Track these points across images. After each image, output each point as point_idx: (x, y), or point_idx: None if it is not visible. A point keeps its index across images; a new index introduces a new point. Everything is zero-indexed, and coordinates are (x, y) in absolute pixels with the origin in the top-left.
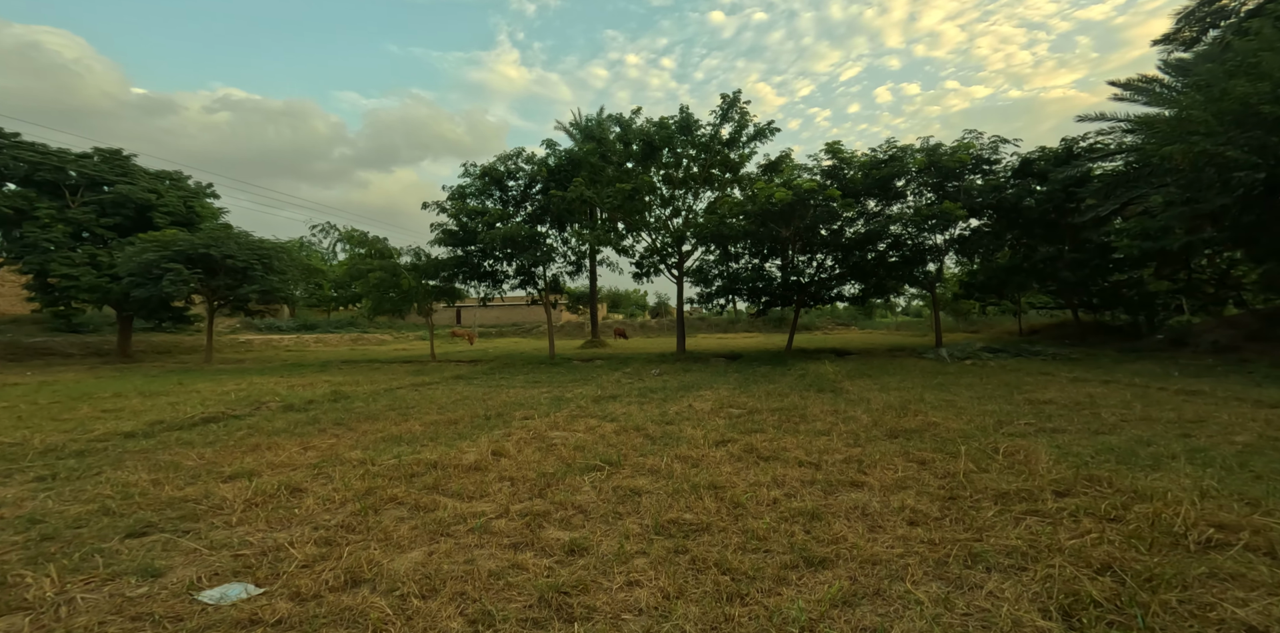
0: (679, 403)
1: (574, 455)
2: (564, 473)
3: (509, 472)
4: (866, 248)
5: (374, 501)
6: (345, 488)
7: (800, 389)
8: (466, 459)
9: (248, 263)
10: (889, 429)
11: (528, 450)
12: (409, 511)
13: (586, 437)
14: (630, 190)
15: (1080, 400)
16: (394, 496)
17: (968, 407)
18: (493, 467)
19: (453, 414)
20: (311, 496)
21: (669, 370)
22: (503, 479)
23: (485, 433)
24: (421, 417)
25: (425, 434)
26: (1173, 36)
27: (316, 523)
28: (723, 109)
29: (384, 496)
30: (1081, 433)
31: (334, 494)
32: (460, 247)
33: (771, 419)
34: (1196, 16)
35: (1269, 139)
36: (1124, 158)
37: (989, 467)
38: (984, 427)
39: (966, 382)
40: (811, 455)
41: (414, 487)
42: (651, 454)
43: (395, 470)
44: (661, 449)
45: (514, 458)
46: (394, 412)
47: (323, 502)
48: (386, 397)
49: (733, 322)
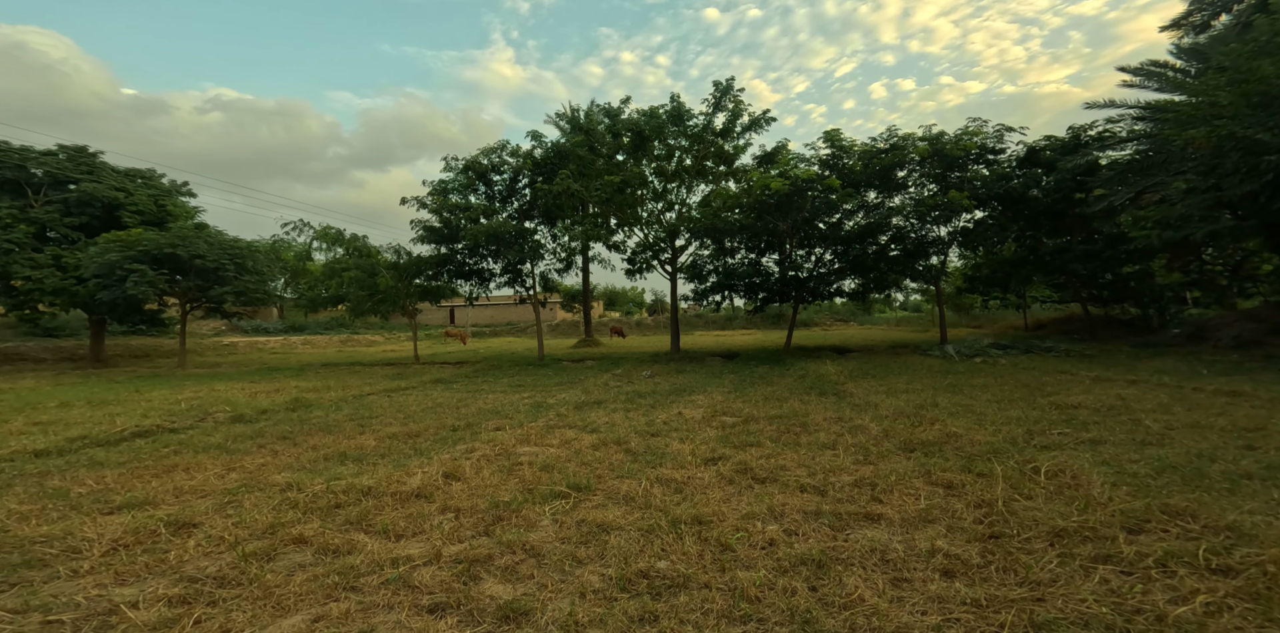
0: (668, 410)
1: (539, 478)
2: (522, 502)
3: (457, 500)
4: (867, 241)
5: (274, 541)
6: (247, 523)
7: (800, 393)
8: (410, 484)
9: (218, 263)
10: (902, 441)
11: (487, 471)
12: (314, 555)
13: (559, 453)
14: (619, 183)
15: (1113, 404)
16: (301, 534)
17: (988, 413)
18: (439, 494)
19: (417, 425)
20: (200, 534)
21: (661, 372)
22: (447, 511)
23: (446, 448)
24: (381, 428)
25: (377, 450)
26: (1182, 21)
27: (185, 573)
28: (715, 97)
29: (289, 534)
30: (1126, 445)
31: (228, 532)
32: (444, 244)
33: (769, 430)
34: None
35: None
36: (1135, 146)
37: (1032, 492)
38: (1013, 438)
39: (981, 382)
40: (815, 476)
41: (333, 521)
42: (630, 476)
43: (319, 499)
44: (642, 469)
45: (468, 481)
46: (353, 423)
47: (209, 543)
48: (352, 405)
49: (730, 319)
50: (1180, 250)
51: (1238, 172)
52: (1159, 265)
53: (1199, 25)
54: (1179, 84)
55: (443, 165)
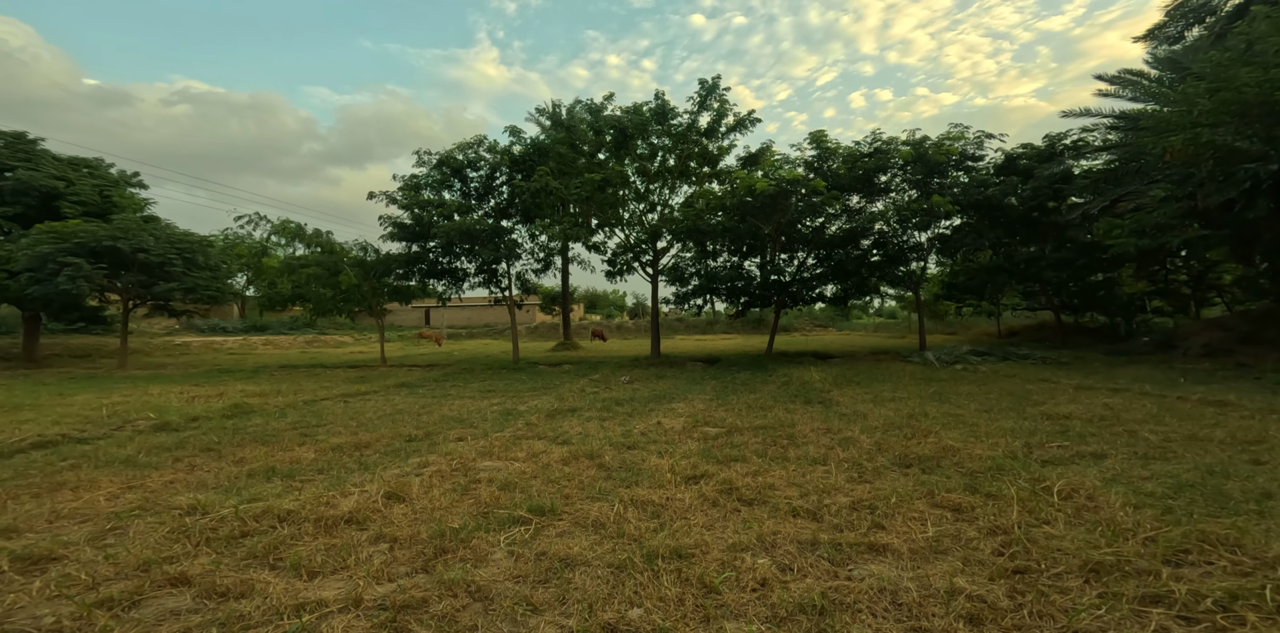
0: (647, 419)
1: (498, 498)
2: (474, 528)
3: (396, 527)
4: (849, 246)
5: (146, 582)
6: (120, 558)
7: (785, 401)
8: (342, 506)
9: (164, 258)
10: (898, 456)
11: (438, 490)
12: (194, 599)
13: (525, 468)
14: (600, 181)
15: (1103, 415)
16: (184, 573)
17: (980, 423)
18: (375, 518)
19: (368, 435)
20: (56, 571)
21: (641, 377)
22: (380, 540)
23: (395, 463)
24: (326, 439)
25: (314, 465)
26: (1156, 33)
27: (8, 628)
28: (701, 96)
29: (168, 572)
30: (1129, 459)
31: (90, 570)
32: (415, 242)
33: (754, 442)
34: (1185, 9)
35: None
36: (1109, 155)
37: (1050, 516)
38: (1012, 452)
39: (965, 390)
40: (808, 498)
41: (232, 555)
42: (601, 497)
43: (222, 526)
44: (616, 489)
45: (414, 503)
46: (295, 432)
47: (61, 584)
48: (300, 411)
49: (711, 323)
50: (1147, 260)
51: (1213, 180)
52: (1127, 274)
53: (1173, 37)
54: (1154, 93)
55: (415, 160)
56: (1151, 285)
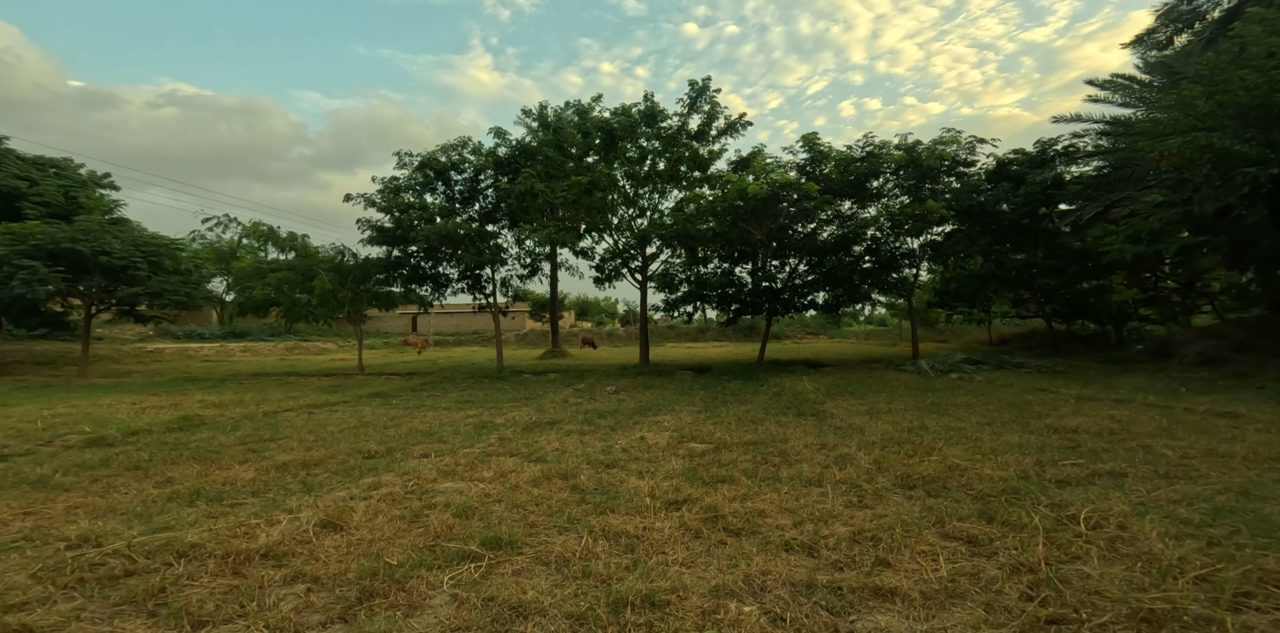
0: (630, 433)
1: (452, 527)
2: (416, 565)
3: (321, 563)
4: (841, 252)
5: None
6: None
7: (777, 413)
8: (263, 538)
9: (128, 261)
10: (900, 476)
11: (384, 517)
12: None
13: (490, 490)
14: (587, 184)
15: (1112, 428)
16: (26, 624)
17: (984, 438)
18: (300, 552)
19: (324, 451)
20: None
21: (628, 387)
22: (298, 580)
23: (345, 483)
24: (274, 455)
25: (251, 486)
26: (1145, 39)
27: None
28: (691, 97)
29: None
30: (1152, 479)
31: None
32: (396, 246)
33: (743, 460)
34: (1175, 15)
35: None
36: (1100, 161)
37: (1081, 550)
38: (1024, 471)
39: (964, 401)
40: (802, 527)
41: (103, 601)
42: (570, 526)
43: (105, 562)
44: (588, 515)
45: (351, 533)
46: (242, 447)
47: None
48: (256, 423)
49: (703, 330)
50: (1139, 267)
51: (1210, 184)
52: (1118, 282)
53: (1161, 43)
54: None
55: (395, 161)
56: (1142, 293)
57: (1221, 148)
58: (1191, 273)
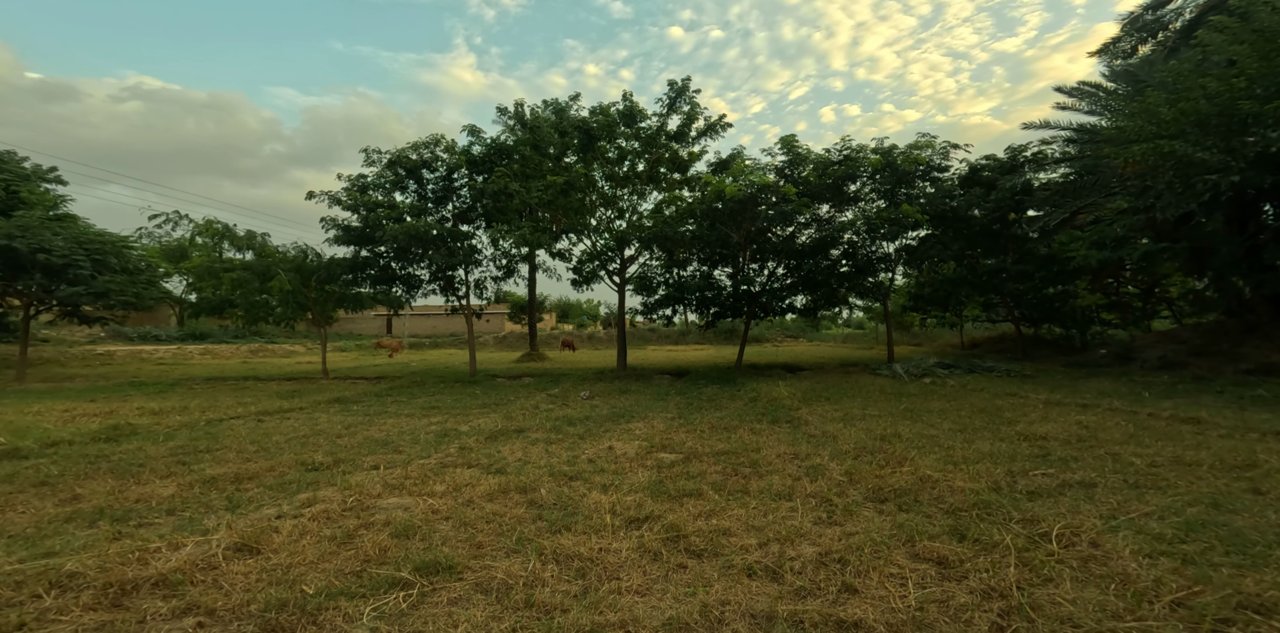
0: (599, 442)
1: (387, 549)
2: (335, 594)
3: (223, 593)
4: (819, 256)
5: None
6: None
7: (751, 420)
8: (161, 564)
9: (69, 259)
10: (871, 489)
11: (311, 538)
12: None
13: (440, 505)
14: (563, 184)
15: (1080, 435)
16: None
17: (956, 446)
18: (200, 580)
19: (263, 462)
20: None
21: (603, 391)
22: (189, 613)
23: (277, 500)
24: (205, 468)
25: (167, 504)
26: (1110, 48)
27: None
28: (670, 97)
29: None
30: (1122, 489)
31: None
32: (364, 246)
33: (713, 471)
34: (1139, 24)
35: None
36: (1067, 167)
37: (1053, 572)
38: (995, 483)
39: (937, 407)
40: (767, 548)
41: None
42: (519, 548)
43: None
44: (541, 535)
45: (270, 557)
46: (171, 460)
47: None
48: (195, 433)
49: (683, 333)
50: (1102, 273)
51: (1171, 191)
52: (1082, 287)
53: (1126, 52)
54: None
55: (363, 158)
56: (1104, 298)
57: (1183, 155)
58: (1151, 279)
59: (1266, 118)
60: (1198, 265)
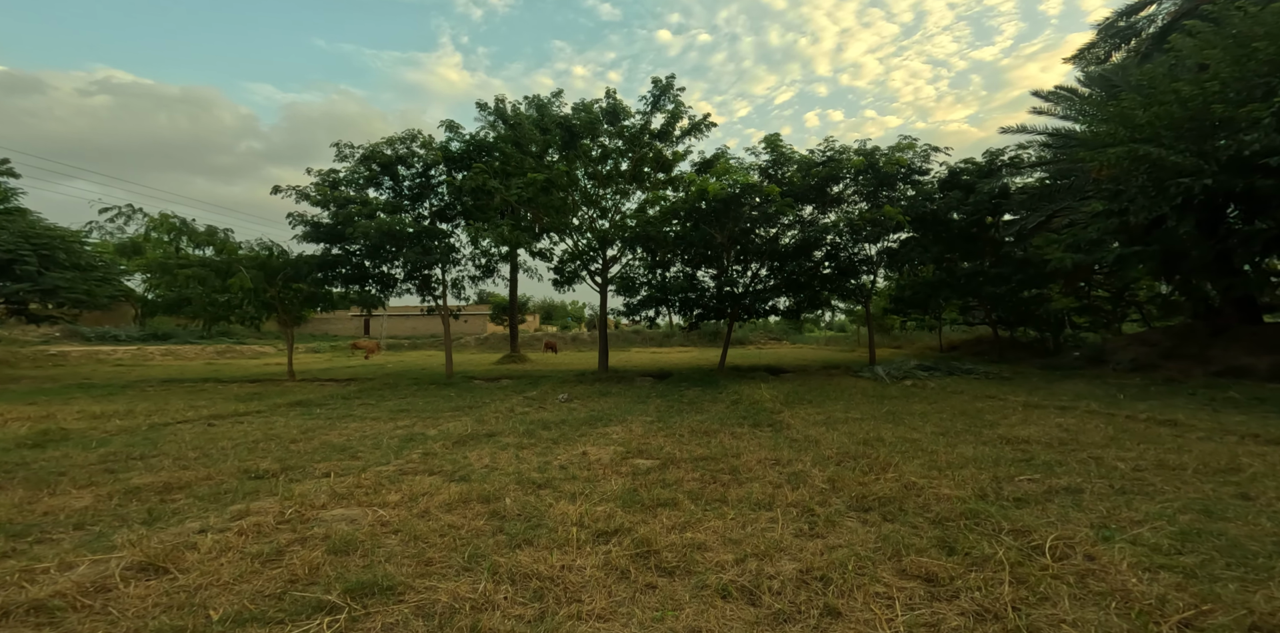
0: (574, 446)
1: (318, 568)
2: (247, 621)
3: (113, 621)
4: (801, 258)
5: None
6: None
7: (732, 423)
8: (47, 585)
9: (14, 254)
10: (855, 497)
11: (234, 555)
12: None
13: (391, 517)
14: (544, 182)
15: (1061, 438)
16: None
17: (939, 450)
18: (91, 604)
19: (201, 470)
20: None
21: (583, 394)
22: None
23: (204, 512)
24: (135, 477)
25: (78, 517)
26: (1085, 54)
27: None
28: (654, 95)
29: None
30: (1109, 495)
31: None
32: (335, 243)
33: (691, 478)
34: (1114, 30)
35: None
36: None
37: (1050, 589)
38: (981, 490)
39: (919, 410)
40: (744, 564)
41: None
42: (472, 565)
43: None
44: (499, 550)
45: (180, 576)
46: (99, 468)
47: None
48: (135, 438)
49: (668, 335)
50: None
51: (1145, 195)
52: (1056, 290)
53: (1100, 58)
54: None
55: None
56: (1076, 301)
57: (1157, 158)
58: (1121, 283)
59: (1240, 121)
60: (1168, 269)
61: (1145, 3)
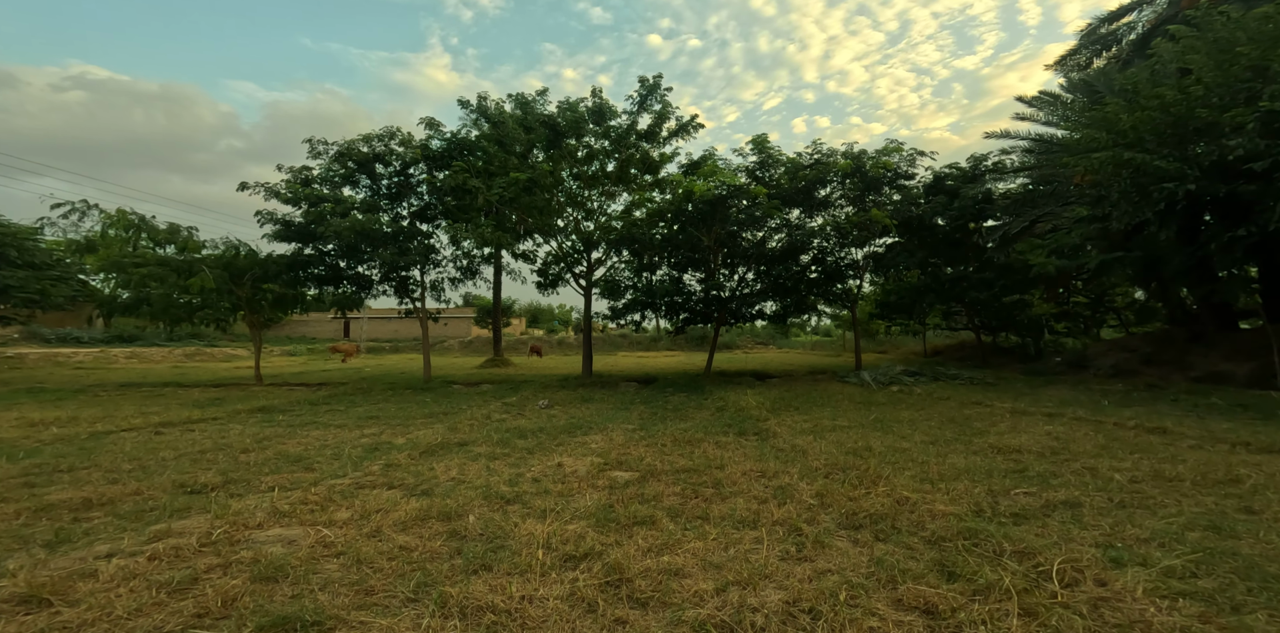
0: (549, 457)
1: (237, 597)
2: None
3: None
4: (789, 261)
5: None
6: None
7: (718, 432)
8: None
9: None
10: (845, 513)
11: (137, 583)
12: None
13: (336, 537)
14: (526, 181)
15: (1053, 447)
16: None
17: (930, 461)
18: None
19: (132, 485)
20: None
21: (564, 400)
22: None
23: (124, 532)
24: (52, 492)
25: None
26: (1066, 61)
27: None
28: (641, 95)
29: None
30: (1109, 510)
31: None
32: (308, 243)
33: (671, 493)
34: (1094, 37)
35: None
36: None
37: (1064, 622)
38: (977, 504)
39: (907, 417)
40: (725, 595)
41: None
42: (419, 595)
43: None
44: (454, 578)
45: (66, 608)
46: (17, 481)
47: None
48: (69, 448)
49: (655, 339)
50: (1056, 282)
51: (1128, 199)
52: (1037, 296)
53: (1082, 65)
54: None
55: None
56: (1056, 307)
57: (1141, 163)
58: (1100, 289)
59: (1223, 126)
60: (1148, 275)
61: (1127, 9)
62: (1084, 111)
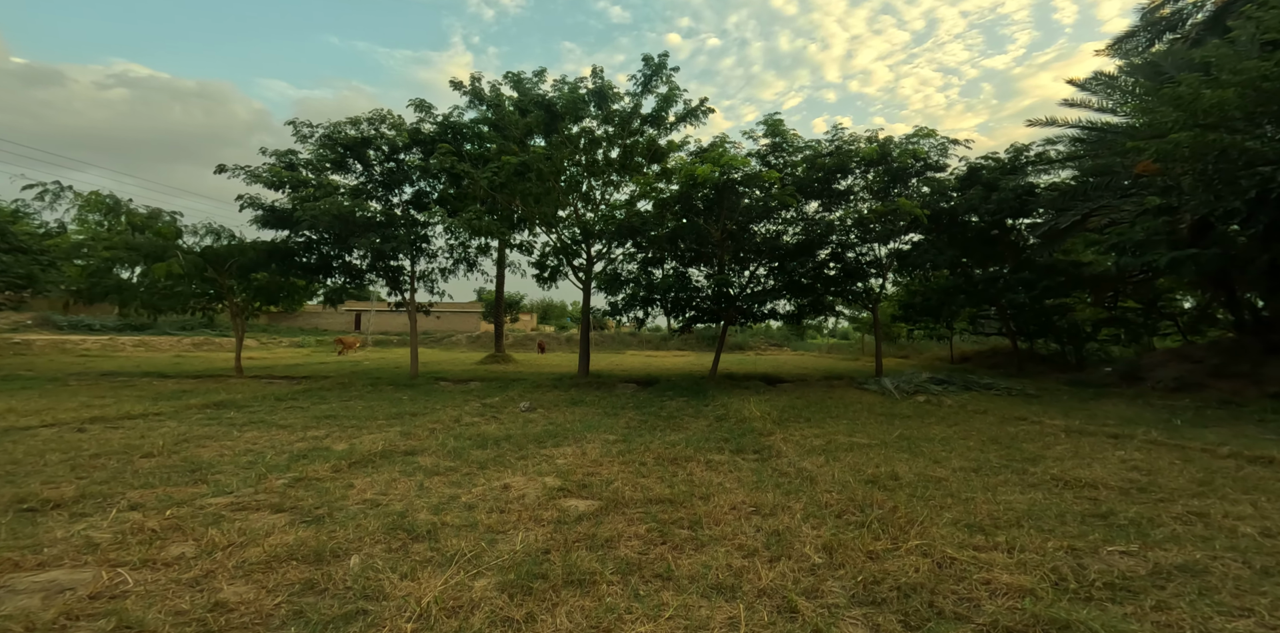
0: (502, 474)
1: None
2: None
3: None
4: (804, 257)
5: None
6: None
7: (711, 448)
8: None
9: None
10: (863, 581)
11: None
12: None
13: (139, 583)
14: (518, 166)
15: (1135, 480)
16: None
17: (976, 497)
18: None
19: None
20: None
21: (551, 402)
22: None
23: None
24: None
25: None
26: (1120, 44)
27: None
28: (645, 75)
29: None
30: (1247, 582)
31: None
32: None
33: (633, 534)
34: (1156, 17)
35: None
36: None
37: None
38: (1055, 571)
39: (938, 434)
40: None
41: None
42: None
43: None
44: None
45: None
46: None
47: None
48: None
49: (665, 338)
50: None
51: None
52: (1083, 299)
53: (1141, 48)
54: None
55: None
56: (1104, 312)
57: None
58: (1154, 293)
59: None
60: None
61: None
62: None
